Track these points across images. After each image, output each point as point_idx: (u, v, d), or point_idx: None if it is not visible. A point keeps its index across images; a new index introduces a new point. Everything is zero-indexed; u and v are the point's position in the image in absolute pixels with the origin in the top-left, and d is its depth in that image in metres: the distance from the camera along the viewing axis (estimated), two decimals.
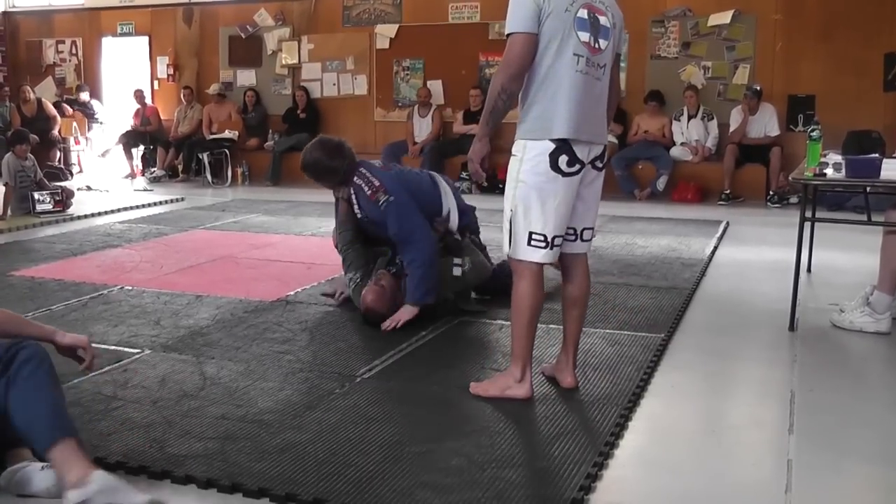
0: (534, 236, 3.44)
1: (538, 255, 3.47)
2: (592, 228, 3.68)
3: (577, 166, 3.42)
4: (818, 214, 5.42)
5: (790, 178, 5.81)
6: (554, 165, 3.38)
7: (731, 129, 10.23)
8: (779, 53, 10.46)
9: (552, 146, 3.36)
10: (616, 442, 3.23)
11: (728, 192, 9.96)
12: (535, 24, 3.32)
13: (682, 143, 10.52)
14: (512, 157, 3.47)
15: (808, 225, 4.90)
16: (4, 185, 8.69)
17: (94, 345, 4.28)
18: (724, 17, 10.57)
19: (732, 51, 10.65)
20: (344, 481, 2.85)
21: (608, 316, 4.92)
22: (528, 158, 3.41)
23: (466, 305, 4.95)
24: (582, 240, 3.64)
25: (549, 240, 3.44)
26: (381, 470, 2.94)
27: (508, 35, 3.36)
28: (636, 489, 2.95)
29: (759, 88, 10.05)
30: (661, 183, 10.27)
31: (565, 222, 3.50)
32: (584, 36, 3.37)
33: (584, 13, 3.37)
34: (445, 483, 2.85)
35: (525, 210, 3.43)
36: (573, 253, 3.65)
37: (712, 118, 10.48)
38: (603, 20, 3.44)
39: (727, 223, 8.35)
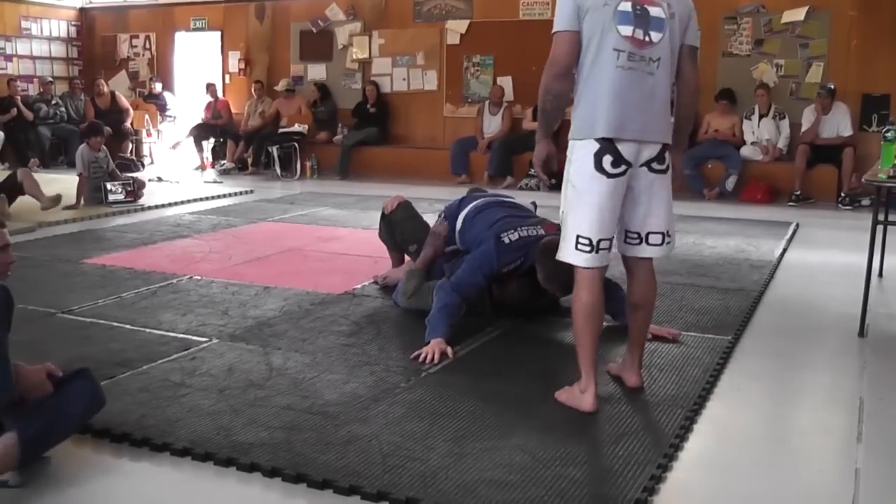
0: (580, 239, 3.34)
1: (581, 259, 3.37)
2: (663, 233, 3.53)
3: (623, 167, 3.32)
4: (891, 218, 5.31)
5: (863, 179, 5.70)
6: (598, 166, 3.29)
7: (803, 128, 10.03)
8: (853, 51, 10.23)
9: (596, 146, 3.28)
10: (681, 444, 3.21)
11: (798, 192, 9.78)
12: (575, 21, 3.28)
13: (752, 143, 10.37)
14: (567, 158, 3.43)
15: (880, 228, 4.80)
16: (79, 175, 8.89)
17: (162, 332, 4.44)
18: (798, 14, 10.38)
19: (806, 48, 10.46)
20: (408, 475, 2.87)
21: (675, 316, 4.87)
22: (575, 159, 3.36)
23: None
24: (648, 244, 3.52)
25: (594, 243, 3.33)
26: (445, 464, 2.95)
27: (553, 34, 3.34)
28: (700, 492, 2.93)
29: (832, 87, 9.85)
30: (730, 183, 10.13)
31: (612, 226, 3.39)
32: (626, 30, 3.27)
33: (626, 6, 3.27)
34: (508, 480, 2.85)
35: (572, 212, 3.37)
36: (636, 257, 3.57)
37: (784, 117, 10.30)
38: (655, 11, 3.31)
39: (797, 225, 8.20)
